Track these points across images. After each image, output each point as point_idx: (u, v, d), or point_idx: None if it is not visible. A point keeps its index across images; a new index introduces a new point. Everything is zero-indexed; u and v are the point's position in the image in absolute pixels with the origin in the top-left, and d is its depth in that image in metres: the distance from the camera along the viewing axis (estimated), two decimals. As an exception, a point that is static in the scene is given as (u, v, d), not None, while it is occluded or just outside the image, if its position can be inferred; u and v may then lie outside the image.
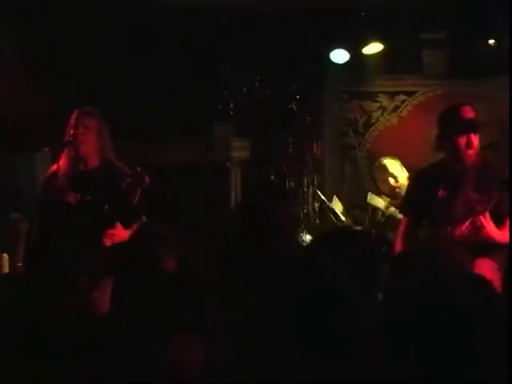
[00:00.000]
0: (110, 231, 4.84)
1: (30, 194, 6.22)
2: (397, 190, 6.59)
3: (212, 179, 6.99)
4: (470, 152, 4.61)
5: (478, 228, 4.51)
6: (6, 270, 5.73)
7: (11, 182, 6.73)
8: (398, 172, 6.67)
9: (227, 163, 7.15)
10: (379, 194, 6.79)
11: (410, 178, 5.89)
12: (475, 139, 4.59)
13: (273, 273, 2.77)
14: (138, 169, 4.89)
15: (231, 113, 7.16)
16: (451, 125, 4.66)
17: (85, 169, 4.93)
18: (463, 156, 4.59)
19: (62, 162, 4.99)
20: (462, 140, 4.57)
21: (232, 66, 7.05)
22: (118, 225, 4.85)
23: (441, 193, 4.66)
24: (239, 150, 7.21)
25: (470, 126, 4.63)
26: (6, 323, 2.88)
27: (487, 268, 4.43)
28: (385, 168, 6.76)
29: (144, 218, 5.12)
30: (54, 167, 5.08)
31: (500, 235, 4.59)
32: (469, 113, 4.67)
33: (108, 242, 4.83)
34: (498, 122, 6.91)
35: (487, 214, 4.50)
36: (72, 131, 4.88)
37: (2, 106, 6.42)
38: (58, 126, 5.09)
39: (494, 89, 7.06)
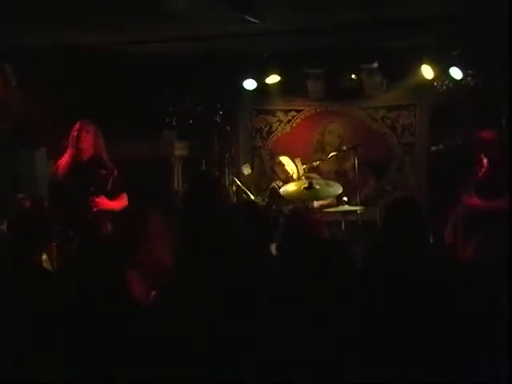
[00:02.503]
0: (97, 201, 5.79)
1: (30, 180, 7.39)
2: (293, 176, 7.44)
3: (160, 170, 7.96)
4: None
5: None
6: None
7: (17, 172, 7.56)
8: (290, 165, 7.55)
9: (171, 158, 8.08)
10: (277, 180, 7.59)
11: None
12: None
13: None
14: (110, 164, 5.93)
15: (174, 123, 8.29)
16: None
17: (80, 160, 5.94)
18: None
19: (65, 157, 6.00)
20: None
21: (176, 92, 8.12)
22: (103, 197, 5.83)
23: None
24: (180, 150, 8.18)
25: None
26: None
27: None
28: (282, 163, 7.57)
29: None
30: (60, 160, 6.01)
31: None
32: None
33: (96, 208, 5.75)
34: (357, 131, 8.27)
35: None
36: (76, 133, 5.91)
37: (11, 117, 7.31)
38: (50, 134, 6.35)
39: (354, 108, 8.33)
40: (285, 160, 7.66)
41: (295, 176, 7.54)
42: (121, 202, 5.98)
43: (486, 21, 6.27)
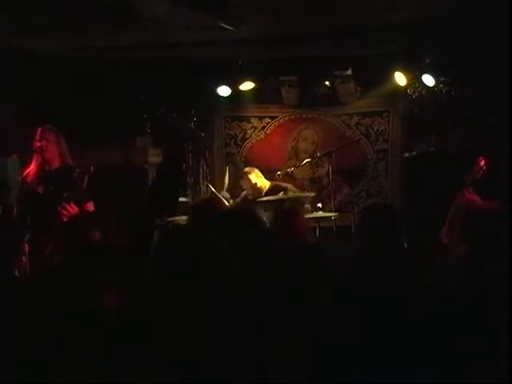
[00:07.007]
0: (67, 209, 5.73)
1: (3, 188, 6.86)
2: (258, 185, 7.55)
3: (134, 176, 7.98)
4: None
5: None
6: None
7: (-11, 179, 7.34)
8: (252, 175, 7.65)
9: (145, 165, 8.12)
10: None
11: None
12: None
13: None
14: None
15: (148, 130, 8.31)
16: None
17: (49, 169, 5.89)
18: None
19: (33, 165, 5.95)
20: None
21: (151, 99, 8.14)
22: (72, 205, 5.77)
23: None
24: (154, 156, 8.19)
25: None
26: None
27: None
28: (245, 174, 7.74)
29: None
30: (28, 168, 5.96)
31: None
32: None
33: (65, 217, 5.65)
34: (331, 138, 8.28)
35: None
36: (38, 143, 5.82)
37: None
38: (22, 140, 6.20)
39: (328, 115, 8.33)
40: (249, 169, 7.78)
41: (259, 185, 7.58)
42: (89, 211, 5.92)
43: (459, 29, 6.37)
